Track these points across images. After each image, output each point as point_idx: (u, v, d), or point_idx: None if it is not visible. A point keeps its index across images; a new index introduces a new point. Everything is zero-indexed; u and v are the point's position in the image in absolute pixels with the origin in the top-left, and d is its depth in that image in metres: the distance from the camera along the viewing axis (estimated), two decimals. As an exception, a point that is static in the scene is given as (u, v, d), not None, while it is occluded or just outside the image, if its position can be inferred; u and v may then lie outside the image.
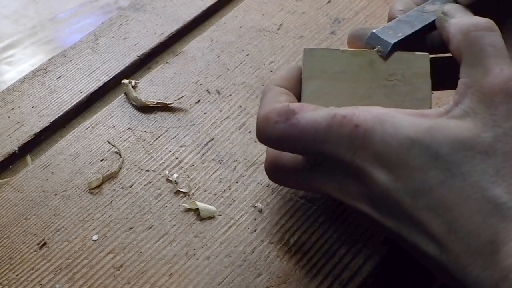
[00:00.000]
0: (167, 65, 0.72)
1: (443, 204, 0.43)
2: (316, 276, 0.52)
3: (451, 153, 0.43)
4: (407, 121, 0.45)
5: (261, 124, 0.48)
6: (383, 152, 0.44)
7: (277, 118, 0.47)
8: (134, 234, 0.56)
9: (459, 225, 0.43)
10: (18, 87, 0.71)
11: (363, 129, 0.45)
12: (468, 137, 0.44)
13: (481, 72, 0.45)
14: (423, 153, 0.44)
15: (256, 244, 0.54)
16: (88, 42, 0.76)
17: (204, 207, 0.56)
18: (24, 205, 0.59)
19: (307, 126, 0.46)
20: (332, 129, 0.46)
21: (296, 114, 0.46)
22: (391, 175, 0.44)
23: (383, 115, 0.45)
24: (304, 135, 0.46)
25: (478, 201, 0.43)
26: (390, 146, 0.44)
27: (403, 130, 0.44)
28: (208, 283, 0.52)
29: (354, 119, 0.45)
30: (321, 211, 0.56)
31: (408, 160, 0.44)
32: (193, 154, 0.62)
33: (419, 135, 0.44)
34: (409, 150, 0.44)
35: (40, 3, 1.21)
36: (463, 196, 0.43)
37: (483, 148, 0.43)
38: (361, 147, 0.45)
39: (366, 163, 0.45)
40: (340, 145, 0.45)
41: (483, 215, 0.43)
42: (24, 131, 0.66)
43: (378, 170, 0.45)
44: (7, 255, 0.55)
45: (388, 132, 0.44)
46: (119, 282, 0.53)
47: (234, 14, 0.78)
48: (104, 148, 0.63)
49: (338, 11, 0.77)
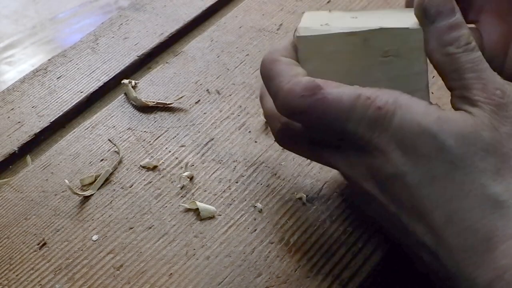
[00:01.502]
0: (167, 65, 0.72)
1: (444, 195, 0.44)
2: (316, 276, 0.52)
3: (455, 146, 0.44)
4: (422, 109, 0.46)
5: (287, 96, 0.48)
6: (400, 135, 0.46)
7: (304, 92, 0.47)
8: (134, 234, 0.56)
9: (458, 218, 0.44)
10: (18, 87, 0.71)
11: (385, 112, 0.46)
12: (471, 132, 0.44)
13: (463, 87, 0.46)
14: (430, 142, 0.45)
15: (256, 244, 0.54)
16: (88, 42, 0.76)
17: (204, 207, 0.56)
18: (24, 205, 0.59)
19: (332, 103, 0.47)
20: (356, 108, 0.46)
21: (322, 89, 0.47)
22: (404, 158, 0.45)
23: (403, 100, 0.46)
24: (329, 111, 0.47)
25: (479, 197, 0.44)
26: (405, 130, 0.45)
27: (417, 117, 0.45)
28: (208, 283, 0.52)
29: (377, 101, 0.46)
30: (321, 211, 0.56)
31: (418, 146, 0.45)
32: (193, 154, 0.62)
33: (429, 123, 0.45)
34: (419, 137, 0.45)
35: (40, 3, 1.21)
36: (464, 190, 0.44)
37: (484, 146, 0.44)
38: (381, 128, 0.46)
39: (384, 142, 0.46)
40: (362, 124, 0.46)
41: (483, 211, 0.43)
42: (24, 131, 0.66)
43: (395, 151, 0.46)
44: (7, 255, 0.55)
45: (405, 117, 0.46)
46: (119, 282, 0.53)
47: (234, 14, 0.78)
48: (104, 148, 0.63)
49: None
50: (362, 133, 0.47)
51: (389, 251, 0.53)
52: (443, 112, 0.46)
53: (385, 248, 0.53)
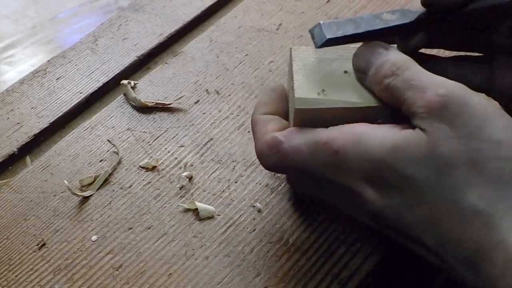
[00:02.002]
0: (166, 66, 0.72)
1: (425, 220, 0.45)
2: (315, 275, 0.52)
3: (416, 172, 0.44)
4: (376, 140, 0.46)
5: (259, 157, 0.51)
6: (364, 173, 0.46)
7: (268, 152, 0.50)
8: (133, 234, 0.56)
9: (445, 238, 0.44)
10: (18, 88, 0.71)
11: (343, 153, 0.47)
12: (428, 154, 0.44)
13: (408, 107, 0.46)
14: (392, 174, 0.45)
15: (255, 243, 0.54)
16: (87, 43, 0.76)
17: (203, 207, 0.57)
18: (23, 206, 0.59)
19: (294, 155, 0.49)
20: (316, 156, 0.48)
21: (283, 144, 0.49)
22: (377, 194, 0.46)
23: (360, 135, 0.46)
24: (294, 163, 0.49)
25: (456, 213, 0.43)
26: (366, 167, 0.46)
27: (374, 152, 0.46)
28: (207, 283, 0.52)
29: (334, 144, 0.47)
30: (320, 211, 0.56)
31: (384, 180, 0.46)
32: (192, 154, 0.62)
33: (384, 157, 0.45)
34: (381, 171, 0.45)
35: (40, 3, 1.21)
36: (440, 211, 0.44)
37: (445, 162, 0.44)
38: (345, 170, 0.47)
39: (355, 183, 0.47)
40: (327, 170, 0.48)
41: (464, 226, 0.43)
42: (24, 132, 0.66)
43: (367, 189, 0.46)
44: (6, 256, 0.55)
45: (361, 154, 0.46)
46: (118, 283, 0.53)
47: (233, 14, 0.78)
48: (103, 149, 0.63)
49: (337, 10, 0.77)
50: (331, 177, 0.48)
51: (388, 250, 0.53)
52: (399, 137, 0.45)
53: (384, 248, 0.53)
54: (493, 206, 0.42)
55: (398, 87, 0.47)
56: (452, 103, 0.44)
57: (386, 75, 0.47)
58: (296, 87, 0.50)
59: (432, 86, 0.45)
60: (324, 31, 0.50)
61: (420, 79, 0.46)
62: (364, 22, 0.51)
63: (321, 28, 0.51)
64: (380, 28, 0.51)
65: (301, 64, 0.52)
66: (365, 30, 0.50)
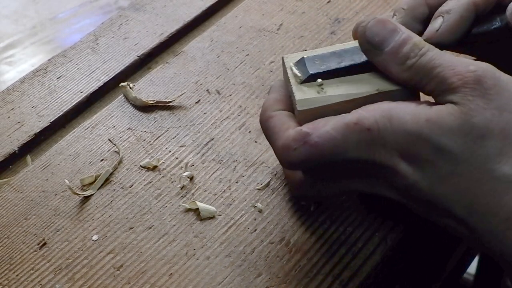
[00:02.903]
0: (167, 65, 0.72)
1: (458, 191, 0.46)
2: (316, 276, 0.52)
3: (450, 143, 0.45)
4: (409, 115, 0.47)
5: (282, 153, 0.50)
6: (398, 147, 0.47)
7: (296, 145, 0.49)
8: (134, 234, 0.56)
9: (477, 207, 0.45)
10: (18, 87, 0.71)
11: (376, 131, 0.47)
12: (462, 124, 0.45)
13: (437, 85, 0.47)
14: (426, 146, 0.46)
15: (256, 244, 0.54)
16: (88, 42, 0.76)
17: (204, 207, 0.56)
18: (24, 205, 0.59)
19: (325, 143, 0.48)
20: (348, 138, 0.48)
21: (311, 135, 0.48)
22: (410, 166, 0.47)
23: (390, 111, 0.47)
24: (325, 152, 0.48)
25: (489, 183, 0.45)
26: (401, 142, 0.47)
27: (407, 126, 0.46)
28: (208, 283, 0.52)
29: (365, 123, 0.47)
30: (321, 211, 0.56)
31: (417, 153, 0.46)
32: (193, 154, 0.62)
33: (419, 129, 0.46)
34: (415, 144, 0.46)
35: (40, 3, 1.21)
36: (473, 180, 0.45)
37: (479, 132, 0.45)
38: (379, 146, 0.47)
39: (387, 159, 0.47)
40: (360, 149, 0.48)
41: (497, 195, 0.45)
42: (24, 131, 0.66)
43: (400, 163, 0.47)
44: (7, 255, 0.55)
45: (395, 129, 0.47)
46: (119, 282, 0.53)
47: (234, 14, 0.78)
48: (104, 148, 0.63)
49: (338, 11, 0.77)
50: (364, 156, 0.48)
51: (389, 251, 0.53)
52: (431, 111, 0.46)
53: (385, 248, 0.53)
54: None
55: (423, 65, 0.47)
56: (484, 77, 0.46)
57: (409, 56, 0.48)
58: (295, 91, 0.51)
59: (461, 64, 0.46)
60: (307, 66, 0.51)
61: (446, 58, 0.47)
62: (347, 56, 0.52)
63: (304, 63, 0.52)
64: (363, 61, 0.51)
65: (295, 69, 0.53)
66: (348, 64, 0.51)
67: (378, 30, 0.50)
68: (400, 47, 0.49)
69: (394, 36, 0.49)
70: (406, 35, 0.49)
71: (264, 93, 0.67)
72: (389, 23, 0.50)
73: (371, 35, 0.50)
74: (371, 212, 0.55)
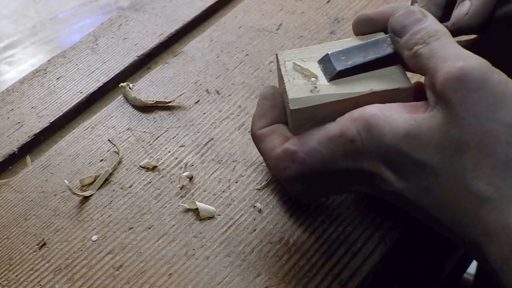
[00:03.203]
0: (166, 65, 0.72)
1: (442, 202, 0.45)
2: (316, 275, 0.52)
3: (429, 157, 0.45)
4: (388, 126, 0.46)
5: (275, 172, 0.51)
6: (382, 156, 0.47)
7: (284, 164, 0.49)
8: (133, 234, 0.56)
9: (458, 220, 0.45)
10: (18, 87, 0.71)
11: (359, 142, 0.47)
12: (439, 138, 0.45)
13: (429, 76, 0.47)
14: (406, 159, 0.46)
15: (256, 244, 0.54)
16: (87, 42, 0.76)
17: (204, 207, 0.57)
18: (23, 206, 0.59)
19: (313, 159, 0.49)
20: (334, 151, 0.48)
21: (298, 152, 0.49)
22: (395, 176, 0.47)
23: (370, 120, 0.47)
24: (314, 166, 0.49)
25: (466, 198, 0.44)
26: (383, 152, 0.47)
27: (386, 139, 0.46)
28: (207, 283, 0.52)
29: (349, 135, 0.47)
30: (320, 211, 0.56)
31: (399, 164, 0.46)
32: (192, 154, 0.62)
33: (398, 144, 0.46)
34: (396, 157, 0.46)
35: (40, 3, 1.21)
36: (453, 194, 0.45)
37: (456, 146, 0.44)
38: (364, 156, 0.48)
39: (374, 167, 0.48)
40: (347, 160, 0.48)
41: (474, 210, 0.44)
42: (24, 131, 0.66)
43: (386, 171, 0.47)
44: (7, 255, 0.55)
45: (377, 140, 0.47)
46: (118, 282, 0.53)
47: (234, 14, 0.78)
48: (103, 149, 0.63)
49: (337, 11, 0.77)
50: (352, 166, 0.48)
51: (388, 250, 0.53)
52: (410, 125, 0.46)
53: (384, 248, 0.53)
54: (500, 193, 0.43)
55: (424, 55, 0.47)
56: (468, 77, 0.44)
57: (418, 42, 0.48)
58: (288, 89, 0.50)
59: (452, 58, 0.45)
60: (334, 63, 0.51)
61: (445, 50, 0.46)
62: (372, 49, 0.51)
63: (330, 60, 0.51)
64: (389, 53, 0.51)
65: (289, 66, 0.52)
66: (374, 57, 0.51)
67: (402, 19, 0.49)
68: (415, 34, 0.48)
69: (414, 24, 0.49)
70: (427, 24, 0.49)
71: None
72: (417, 13, 0.49)
73: (395, 23, 0.50)
74: (371, 209, 0.55)
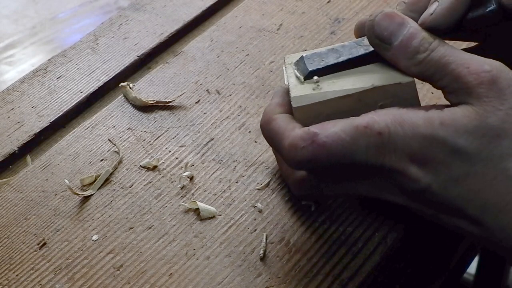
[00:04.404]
0: (167, 65, 0.72)
1: (472, 190, 0.46)
2: (316, 276, 0.52)
3: (467, 144, 0.46)
4: (422, 119, 0.47)
5: (289, 152, 0.49)
6: (409, 151, 0.47)
7: (303, 143, 0.48)
8: (134, 234, 0.56)
9: (491, 205, 0.46)
10: (18, 87, 0.71)
11: (386, 135, 0.47)
12: (477, 125, 0.46)
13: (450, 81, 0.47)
14: (442, 148, 0.46)
15: (256, 244, 0.54)
16: (88, 42, 0.76)
17: (204, 207, 0.56)
18: (24, 205, 0.59)
19: (333, 144, 0.48)
20: (357, 141, 0.47)
21: (319, 135, 0.48)
22: (422, 170, 0.47)
23: (401, 116, 0.47)
24: (332, 152, 0.48)
25: (504, 182, 0.45)
26: (413, 145, 0.47)
27: (420, 129, 0.46)
28: (208, 283, 0.52)
29: (376, 127, 0.47)
30: (321, 211, 0.56)
31: (431, 156, 0.46)
32: (193, 154, 0.62)
33: (434, 132, 0.46)
34: (429, 147, 0.46)
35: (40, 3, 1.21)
36: (488, 179, 0.46)
37: (494, 132, 0.45)
38: (388, 151, 0.47)
39: (397, 163, 0.47)
40: (368, 153, 0.48)
41: (511, 193, 0.45)
42: (24, 131, 0.66)
43: (411, 167, 0.47)
44: (7, 255, 0.55)
45: (408, 133, 0.47)
46: (119, 282, 0.53)
47: (234, 14, 0.78)
48: (104, 148, 0.63)
49: (338, 11, 0.77)
50: (373, 160, 0.48)
51: (388, 251, 0.53)
52: (444, 114, 0.46)
53: (385, 248, 0.53)
54: None
55: (436, 61, 0.47)
56: (499, 77, 0.46)
57: (419, 50, 0.48)
58: (291, 88, 0.51)
59: (475, 62, 0.47)
60: (306, 64, 0.52)
61: (459, 55, 0.47)
62: (345, 50, 0.52)
63: (304, 61, 0.52)
64: (361, 54, 0.51)
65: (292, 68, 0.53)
66: (346, 58, 0.51)
67: (387, 24, 0.49)
68: (409, 40, 0.48)
69: (403, 30, 0.49)
70: (414, 28, 0.49)
71: (264, 93, 0.67)
72: (397, 16, 0.49)
73: (380, 29, 0.49)
74: (371, 210, 0.55)
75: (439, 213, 0.49)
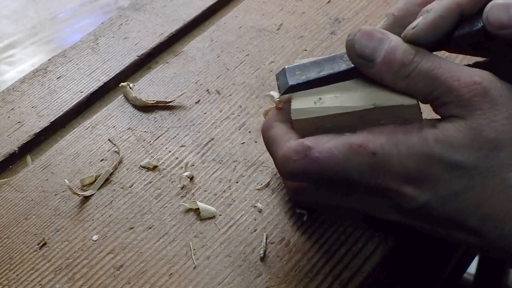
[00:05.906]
0: (167, 65, 0.72)
1: (472, 203, 0.46)
2: (316, 276, 0.52)
3: (463, 159, 0.45)
4: (416, 137, 0.46)
5: (282, 163, 0.50)
6: (405, 171, 0.47)
7: (296, 156, 0.48)
8: (134, 234, 0.56)
9: (491, 216, 0.46)
10: (18, 87, 0.71)
11: (380, 155, 0.47)
12: (473, 140, 0.45)
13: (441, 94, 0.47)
14: (438, 165, 0.46)
15: (256, 244, 0.54)
16: (88, 42, 0.76)
17: (205, 207, 0.56)
18: (24, 205, 0.59)
19: (325, 160, 0.48)
20: (350, 159, 0.47)
21: (312, 149, 0.48)
22: (418, 189, 0.47)
23: (395, 135, 0.47)
24: (325, 168, 0.48)
25: (503, 192, 0.45)
26: (409, 165, 0.46)
27: (415, 148, 0.46)
28: (208, 283, 0.52)
29: (370, 147, 0.47)
30: (320, 211, 0.56)
31: (428, 173, 0.46)
32: (193, 154, 0.62)
33: (429, 150, 0.46)
34: (426, 165, 0.46)
35: (40, 3, 1.21)
36: (488, 192, 0.46)
37: (491, 144, 0.45)
38: (383, 171, 0.47)
39: (392, 183, 0.47)
40: (361, 172, 0.47)
41: (510, 202, 0.45)
42: (24, 131, 0.66)
43: (406, 187, 0.47)
44: (7, 255, 0.55)
45: (403, 153, 0.46)
46: (119, 282, 0.53)
47: (234, 14, 0.78)
48: (104, 148, 0.63)
49: (338, 11, 0.77)
50: (367, 179, 0.48)
51: (389, 251, 0.53)
52: (438, 131, 0.46)
53: (385, 248, 0.53)
54: None
55: (424, 74, 0.47)
56: (491, 88, 0.46)
57: (403, 63, 0.47)
58: (293, 98, 0.51)
59: (464, 74, 0.46)
60: (287, 78, 0.51)
61: (447, 67, 0.47)
62: (328, 65, 0.51)
63: (285, 74, 0.51)
64: (343, 70, 0.50)
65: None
66: (327, 73, 0.51)
67: (367, 42, 0.48)
68: (391, 55, 0.47)
69: (384, 45, 0.48)
70: (395, 41, 0.48)
71: (264, 93, 0.67)
72: (376, 32, 0.48)
73: (361, 47, 0.48)
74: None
75: (438, 228, 0.49)
